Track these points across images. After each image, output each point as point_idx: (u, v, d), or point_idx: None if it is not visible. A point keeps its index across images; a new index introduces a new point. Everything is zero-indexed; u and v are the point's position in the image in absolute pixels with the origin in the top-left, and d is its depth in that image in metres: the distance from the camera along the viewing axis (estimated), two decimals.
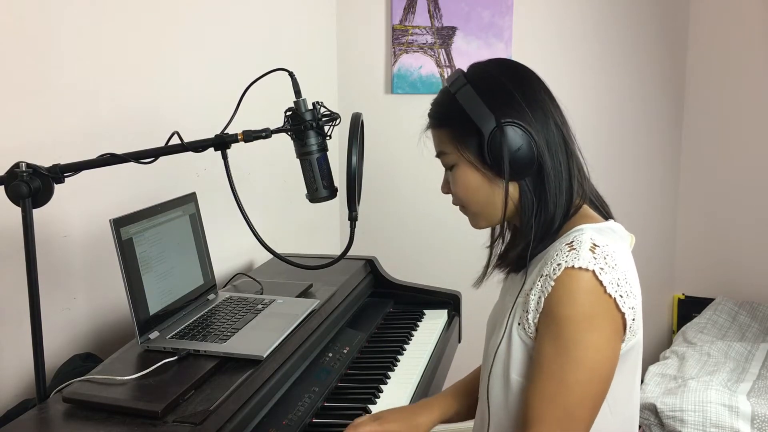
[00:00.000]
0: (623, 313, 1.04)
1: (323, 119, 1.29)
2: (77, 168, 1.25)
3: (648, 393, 2.42)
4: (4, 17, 1.36)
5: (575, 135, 1.17)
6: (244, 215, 1.27)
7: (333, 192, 1.32)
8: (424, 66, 2.92)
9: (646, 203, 3.28)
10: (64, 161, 1.24)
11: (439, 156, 1.18)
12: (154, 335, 1.36)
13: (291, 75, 1.29)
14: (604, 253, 1.04)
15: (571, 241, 1.06)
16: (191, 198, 1.56)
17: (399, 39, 2.90)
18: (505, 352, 1.12)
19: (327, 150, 1.31)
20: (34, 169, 1.20)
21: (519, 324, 1.10)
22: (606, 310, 1.02)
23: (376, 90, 2.96)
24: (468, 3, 2.90)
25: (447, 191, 1.21)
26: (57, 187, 1.24)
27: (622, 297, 1.03)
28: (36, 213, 1.20)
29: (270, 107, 1.56)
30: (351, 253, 1.30)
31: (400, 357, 1.74)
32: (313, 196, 1.31)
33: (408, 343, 1.83)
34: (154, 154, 1.28)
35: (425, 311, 2.04)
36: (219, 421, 1.15)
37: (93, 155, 1.28)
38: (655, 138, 3.25)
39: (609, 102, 3.14)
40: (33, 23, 1.43)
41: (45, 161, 1.23)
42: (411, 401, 1.53)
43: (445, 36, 2.92)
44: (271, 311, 1.55)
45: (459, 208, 1.21)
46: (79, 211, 1.54)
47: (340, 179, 1.30)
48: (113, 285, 1.49)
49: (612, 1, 3.08)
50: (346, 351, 1.69)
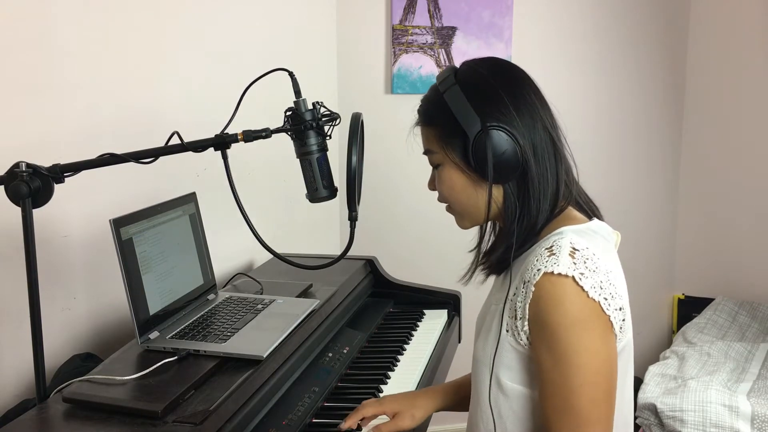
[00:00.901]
0: (609, 315, 1.03)
1: (323, 119, 1.29)
2: (77, 168, 1.25)
3: (648, 393, 2.42)
4: (4, 17, 1.36)
5: (566, 137, 1.17)
6: (244, 215, 1.27)
7: (333, 192, 1.32)
8: (424, 66, 2.92)
9: (646, 203, 3.28)
10: (64, 161, 1.24)
11: (426, 153, 1.18)
12: (154, 335, 1.36)
13: (291, 75, 1.29)
14: (583, 258, 1.03)
15: (551, 246, 1.05)
16: (191, 198, 1.56)
17: (399, 39, 2.90)
18: (495, 357, 1.12)
19: (327, 150, 1.31)
20: (34, 169, 1.20)
21: (507, 331, 1.10)
22: (593, 312, 1.02)
23: (376, 90, 2.96)
24: (468, 3, 2.90)
25: (433, 188, 1.21)
26: (57, 187, 1.24)
27: (606, 299, 1.02)
28: (36, 213, 1.20)
29: (270, 107, 1.56)
30: (351, 253, 1.30)
31: (400, 357, 1.74)
32: (313, 196, 1.31)
33: (408, 343, 1.83)
34: (154, 154, 1.28)
35: (425, 311, 2.04)
36: (219, 421, 1.15)
37: (93, 155, 1.27)
38: (655, 138, 3.25)
39: (609, 102, 3.15)
40: (33, 23, 1.43)
41: (45, 161, 1.23)
42: None
43: (445, 36, 2.92)
44: (271, 311, 1.55)
45: (445, 207, 1.21)
46: (79, 211, 1.54)
47: (340, 179, 1.30)
48: (113, 285, 1.49)
49: (612, 1, 3.08)
50: (346, 351, 1.69)
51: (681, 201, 3.35)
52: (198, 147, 1.28)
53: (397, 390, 1.57)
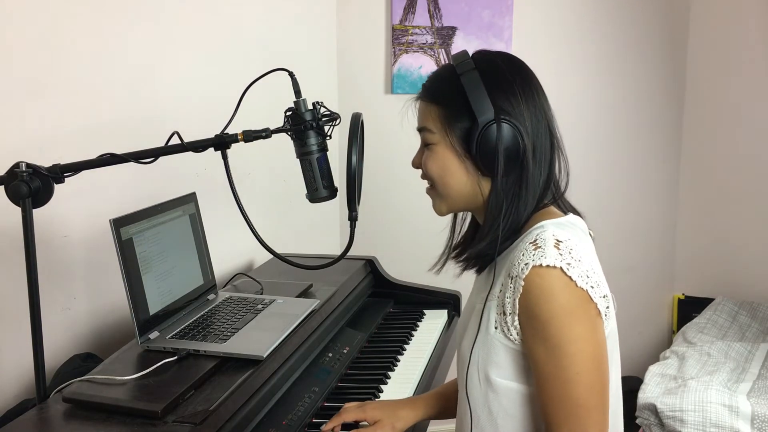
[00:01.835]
0: (596, 303, 1.04)
1: (323, 119, 1.29)
2: (77, 168, 1.25)
3: (648, 393, 2.42)
4: (4, 17, 1.36)
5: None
6: (244, 215, 1.27)
7: (333, 192, 1.32)
8: (424, 66, 2.92)
9: (646, 203, 3.28)
10: (64, 161, 1.24)
11: (421, 131, 1.17)
12: (154, 335, 1.36)
13: (291, 75, 1.29)
14: (568, 248, 1.04)
15: (535, 240, 1.06)
16: (191, 198, 1.56)
17: (399, 39, 2.90)
18: (482, 355, 1.12)
19: (327, 150, 1.31)
20: (34, 169, 1.20)
21: (496, 328, 1.10)
22: (582, 301, 1.03)
23: (376, 90, 2.96)
24: (468, 3, 2.90)
25: (418, 166, 1.20)
26: (57, 187, 1.24)
27: (593, 288, 1.04)
28: (36, 213, 1.20)
29: (270, 107, 1.56)
30: (351, 253, 1.30)
31: (400, 357, 1.74)
32: (313, 196, 1.31)
33: (408, 343, 1.83)
34: (154, 154, 1.28)
35: (425, 311, 2.04)
36: (219, 421, 1.15)
37: (93, 155, 1.28)
38: (655, 138, 3.25)
39: (609, 102, 3.15)
40: (33, 24, 1.43)
41: (45, 161, 1.23)
42: None
43: (445, 36, 2.92)
44: (271, 311, 1.55)
45: (426, 189, 1.20)
46: (79, 211, 1.54)
47: (340, 179, 1.30)
48: (113, 285, 1.49)
49: (612, 1, 3.08)
50: (346, 351, 1.69)
51: (681, 201, 3.35)
52: (198, 147, 1.28)
53: (397, 390, 1.57)
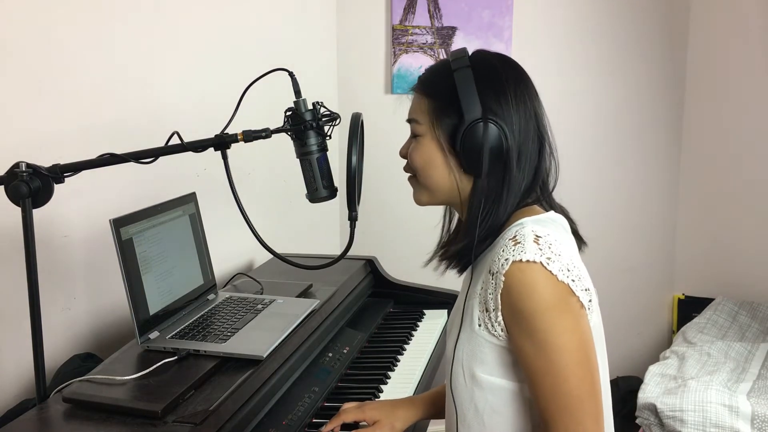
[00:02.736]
0: (578, 296, 1.05)
1: (323, 119, 1.29)
2: (77, 168, 1.25)
3: (648, 393, 2.42)
4: (5, 18, 1.36)
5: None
6: (244, 215, 1.27)
7: (333, 192, 1.32)
8: (424, 66, 2.91)
9: (646, 203, 3.28)
10: (64, 161, 1.24)
11: (411, 122, 1.18)
12: (154, 335, 1.36)
13: (291, 75, 1.29)
14: (547, 243, 1.05)
15: (514, 236, 1.07)
16: (191, 198, 1.56)
17: (399, 39, 2.90)
18: (466, 352, 1.12)
19: (327, 150, 1.31)
20: (34, 169, 1.20)
21: (480, 325, 1.10)
22: (564, 294, 1.04)
23: (376, 90, 2.96)
24: (468, 3, 2.90)
25: (404, 156, 1.21)
26: (57, 187, 1.24)
27: (574, 281, 1.04)
28: (36, 213, 1.20)
29: (270, 107, 1.56)
30: (351, 253, 1.30)
31: (400, 357, 1.74)
32: (313, 196, 1.31)
33: (408, 343, 1.83)
34: (154, 154, 1.28)
35: (425, 311, 2.04)
36: (219, 421, 1.15)
37: (93, 155, 1.28)
38: (655, 138, 3.25)
39: (609, 102, 3.14)
40: (33, 24, 1.43)
41: (45, 161, 1.23)
42: None
43: (445, 36, 2.92)
44: (271, 311, 1.55)
45: (408, 178, 1.21)
46: (79, 211, 1.54)
47: (340, 179, 1.30)
48: (113, 285, 1.49)
49: (612, 2, 3.08)
50: (346, 351, 1.69)
51: (681, 201, 3.35)
52: (198, 147, 1.28)
53: (397, 390, 1.57)
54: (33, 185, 1.18)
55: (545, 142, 1.16)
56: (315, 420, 1.40)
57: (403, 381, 1.62)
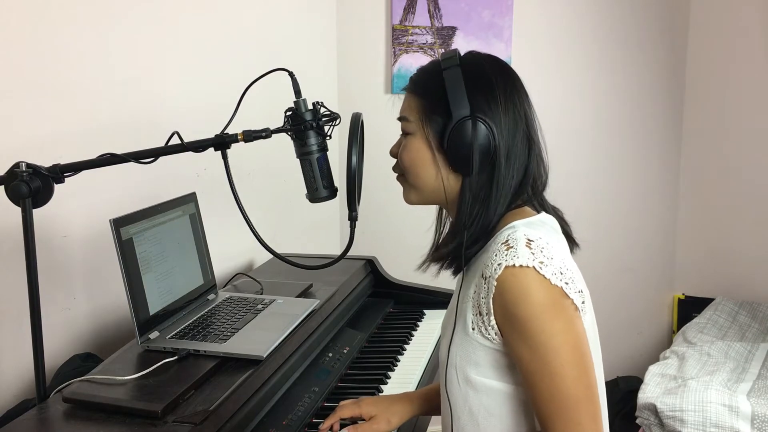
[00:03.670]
0: (572, 299, 1.05)
1: (323, 119, 1.29)
2: (77, 168, 1.25)
3: (648, 393, 2.42)
4: (5, 17, 1.36)
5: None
6: (244, 215, 1.28)
7: (333, 192, 1.32)
8: None
9: (646, 203, 3.28)
10: (64, 161, 1.24)
11: (401, 120, 1.19)
12: (154, 335, 1.36)
13: (291, 75, 1.29)
14: (539, 247, 1.05)
15: (506, 240, 1.07)
16: (191, 198, 1.56)
17: (399, 39, 2.90)
18: (460, 355, 1.12)
19: (327, 150, 1.31)
20: (34, 169, 1.20)
21: (473, 329, 1.10)
22: (558, 297, 1.04)
23: (376, 90, 2.96)
24: (468, 3, 2.90)
25: (395, 155, 1.22)
26: (57, 187, 1.24)
27: (567, 284, 1.04)
28: (36, 213, 1.20)
29: (270, 107, 1.56)
30: (351, 253, 1.30)
31: (400, 357, 1.74)
32: (313, 196, 1.31)
33: (408, 343, 1.83)
34: (154, 154, 1.28)
35: (425, 311, 2.04)
36: (219, 421, 1.15)
37: (93, 155, 1.28)
38: (655, 138, 3.25)
39: (609, 101, 3.14)
40: (34, 23, 1.43)
41: (45, 161, 1.23)
42: None
43: (445, 36, 2.92)
44: (271, 311, 1.55)
45: (396, 177, 1.22)
46: (79, 211, 1.54)
47: (340, 179, 1.30)
48: (113, 285, 1.49)
49: (612, 2, 3.08)
50: (346, 351, 1.69)
51: (681, 201, 3.35)
52: (198, 147, 1.28)
53: (397, 390, 1.57)
54: (33, 185, 1.18)
55: (534, 142, 1.16)
56: (315, 420, 1.40)
57: (403, 381, 1.62)
